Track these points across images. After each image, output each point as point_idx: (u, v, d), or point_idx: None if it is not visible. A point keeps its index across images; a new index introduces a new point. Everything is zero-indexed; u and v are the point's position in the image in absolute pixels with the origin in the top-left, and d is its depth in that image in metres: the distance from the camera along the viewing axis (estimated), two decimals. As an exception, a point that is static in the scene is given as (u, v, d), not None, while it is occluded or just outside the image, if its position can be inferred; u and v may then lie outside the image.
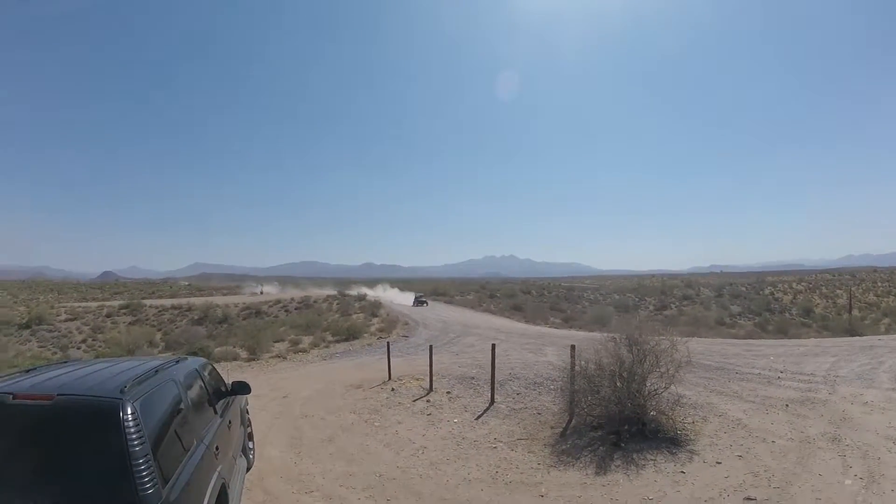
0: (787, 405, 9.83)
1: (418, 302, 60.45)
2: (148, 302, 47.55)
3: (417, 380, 13.44)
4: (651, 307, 51.70)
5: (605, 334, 10.57)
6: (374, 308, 37.14)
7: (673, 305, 51.56)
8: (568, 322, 41.28)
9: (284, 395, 13.04)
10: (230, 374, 12.92)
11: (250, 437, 8.20)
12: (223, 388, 6.56)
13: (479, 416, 10.36)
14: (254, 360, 20.93)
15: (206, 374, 5.90)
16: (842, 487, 6.38)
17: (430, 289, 69.26)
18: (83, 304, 49.89)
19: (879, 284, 70.60)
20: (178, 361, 5.28)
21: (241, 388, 6.89)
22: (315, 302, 42.54)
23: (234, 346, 23.51)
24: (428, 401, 11.56)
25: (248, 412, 8.18)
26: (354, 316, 34.08)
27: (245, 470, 7.01)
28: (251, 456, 7.95)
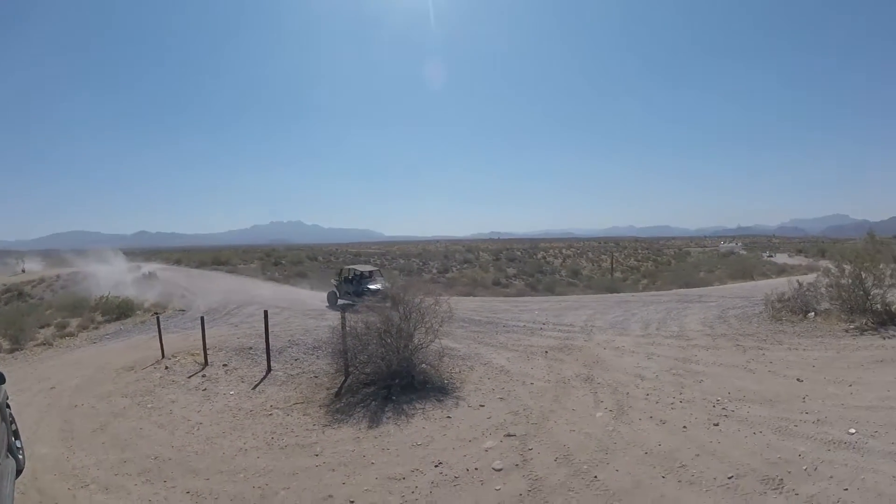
0: (546, 352, 11.08)
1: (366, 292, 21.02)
2: None
3: (193, 355, 13.10)
4: (434, 270, 55.01)
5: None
6: (149, 280, 34.59)
7: (454, 268, 55.35)
8: (353, 287, 42.45)
9: (52, 387, 12.14)
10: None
11: (16, 435, 7.44)
12: None
13: (256, 386, 10.66)
14: (17, 350, 18.49)
15: (-48, 364, 5.49)
16: (593, 419, 7.26)
17: (210, 258, 62.99)
18: None
19: (640, 251, 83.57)
20: None
21: None
22: (84, 278, 38.52)
23: (-7, 337, 20.57)
24: (204, 376, 11.52)
25: (9, 407, 7.38)
26: (127, 291, 31.66)
27: (15, 472, 6.29)
28: (20, 456, 7.14)
